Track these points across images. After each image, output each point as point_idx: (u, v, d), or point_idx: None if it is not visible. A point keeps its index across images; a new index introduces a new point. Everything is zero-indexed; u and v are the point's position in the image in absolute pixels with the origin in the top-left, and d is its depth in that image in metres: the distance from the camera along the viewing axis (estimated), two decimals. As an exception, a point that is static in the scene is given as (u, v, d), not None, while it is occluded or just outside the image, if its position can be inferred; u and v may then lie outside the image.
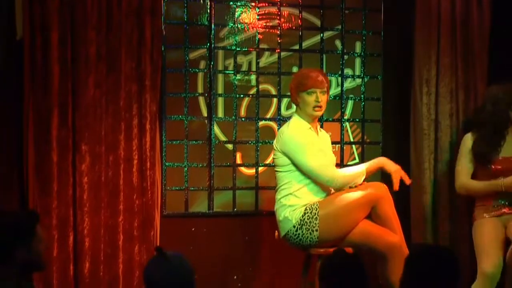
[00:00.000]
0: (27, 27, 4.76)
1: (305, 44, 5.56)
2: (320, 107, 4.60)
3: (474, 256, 4.88)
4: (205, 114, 5.36)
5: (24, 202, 4.82)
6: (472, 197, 4.95)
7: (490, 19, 5.52)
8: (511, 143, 4.87)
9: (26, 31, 4.76)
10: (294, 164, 4.57)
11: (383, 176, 5.47)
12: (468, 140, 4.90)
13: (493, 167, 4.80)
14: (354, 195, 4.55)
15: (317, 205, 4.52)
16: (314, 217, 4.49)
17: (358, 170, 4.63)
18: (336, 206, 4.52)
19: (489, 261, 4.65)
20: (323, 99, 4.59)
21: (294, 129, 4.59)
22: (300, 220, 4.51)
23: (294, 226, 4.53)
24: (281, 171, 4.62)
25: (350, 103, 5.67)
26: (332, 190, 4.68)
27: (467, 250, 5.20)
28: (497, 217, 4.80)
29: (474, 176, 4.92)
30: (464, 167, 4.90)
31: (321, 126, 5.16)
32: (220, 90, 5.41)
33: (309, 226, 4.50)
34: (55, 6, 4.79)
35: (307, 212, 4.51)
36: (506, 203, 4.82)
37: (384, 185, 4.67)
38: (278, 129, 5.40)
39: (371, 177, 4.84)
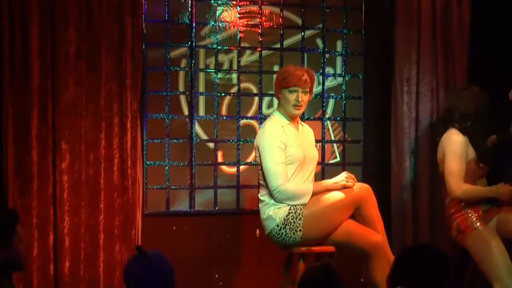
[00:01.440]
0: (6, 23, 4.73)
1: (286, 42, 5.57)
2: (300, 106, 4.59)
3: (455, 254, 4.90)
4: (186, 112, 5.36)
5: (3, 201, 4.78)
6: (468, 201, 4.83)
7: (470, 18, 5.55)
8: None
9: (5, 28, 4.73)
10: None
11: (366, 177, 5.50)
12: (462, 141, 4.78)
13: (481, 165, 4.81)
14: (338, 195, 4.54)
15: (301, 205, 4.51)
16: (299, 217, 4.49)
17: (306, 189, 4.52)
18: (320, 206, 4.51)
19: None
20: (304, 99, 4.59)
21: (269, 128, 4.58)
22: (284, 219, 4.50)
23: (277, 225, 4.52)
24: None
25: (331, 102, 5.68)
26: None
27: (448, 249, 5.22)
28: (489, 224, 4.77)
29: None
30: (460, 169, 4.76)
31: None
32: (201, 88, 5.40)
33: (292, 226, 4.49)
34: (35, 3, 4.76)
35: (291, 212, 4.50)
36: (491, 206, 4.81)
37: (368, 186, 4.67)
38: (260, 127, 5.40)
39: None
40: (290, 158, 4.54)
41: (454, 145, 4.77)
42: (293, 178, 4.55)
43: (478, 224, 4.73)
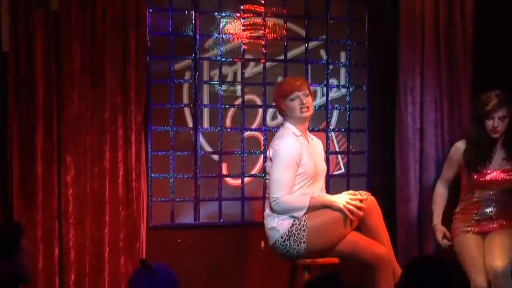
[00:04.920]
0: (11, 39, 4.74)
1: (290, 54, 5.58)
2: (307, 107, 4.58)
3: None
4: (190, 124, 5.36)
5: (8, 214, 4.79)
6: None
7: (473, 30, 5.55)
8: (499, 156, 4.88)
9: (10, 43, 4.75)
10: None
11: (370, 188, 5.49)
12: (456, 147, 4.97)
13: (475, 177, 4.83)
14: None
15: (305, 216, 4.50)
16: (302, 228, 4.48)
17: (301, 204, 4.50)
18: (325, 218, 4.50)
19: (480, 275, 4.63)
20: (308, 100, 4.59)
21: (287, 139, 4.56)
22: (288, 231, 4.50)
23: (281, 237, 4.51)
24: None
25: (335, 113, 5.68)
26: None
27: (453, 258, 5.20)
28: (478, 235, 4.80)
29: (460, 184, 5.00)
30: (444, 172, 5.08)
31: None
32: (206, 100, 5.41)
33: (296, 237, 4.48)
34: (39, 19, 4.77)
35: (296, 224, 4.49)
36: (486, 216, 4.83)
37: (372, 197, 4.65)
38: (264, 139, 5.42)
39: (358, 188, 4.84)
40: (304, 172, 4.53)
41: (451, 150, 5.04)
42: (303, 191, 4.55)
43: (462, 228, 4.82)
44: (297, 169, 4.52)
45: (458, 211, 4.94)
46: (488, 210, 4.83)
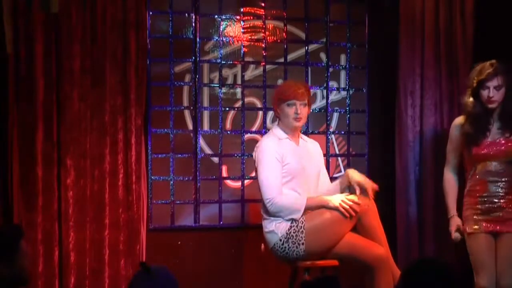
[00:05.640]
0: (11, 39, 4.75)
1: (290, 57, 5.58)
2: (300, 118, 4.59)
3: (462, 267, 4.88)
4: (190, 127, 5.37)
5: (9, 217, 4.79)
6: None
7: (473, 32, 5.55)
8: (497, 127, 4.60)
9: (10, 44, 4.75)
10: None
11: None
12: (455, 123, 4.70)
13: (474, 150, 4.57)
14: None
15: (303, 218, 4.51)
16: (300, 230, 4.48)
17: (297, 205, 4.50)
18: (322, 219, 4.50)
19: (485, 276, 4.59)
20: (303, 111, 4.58)
21: (266, 141, 4.60)
22: (286, 233, 4.50)
23: (280, 240, 4.52)
24: None
25: (335, 116, 5.69)
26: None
27: (454, 261, 5.21)
28: (489, 234, 4.61)
29: (462, 160, 4.75)
30: (448, 156, 4.73)
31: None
32: (206, 103, 5.41)
33: (295, 239, 4.49)
34: (40, 19, 4.78)
35: (293, 226, 4.49)
36: (493, 199, 4.57)
37: (372, 199, 4.64)
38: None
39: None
40: (287, 172, 4.54)
41: (450, 129, 4.72)
42: (292, 192, 4.55)
43: (475, 227, 4.59)
44: (281, 167, 4.52)
45: (466, 193, 4.65)
46: (494, 190, 4.55)
